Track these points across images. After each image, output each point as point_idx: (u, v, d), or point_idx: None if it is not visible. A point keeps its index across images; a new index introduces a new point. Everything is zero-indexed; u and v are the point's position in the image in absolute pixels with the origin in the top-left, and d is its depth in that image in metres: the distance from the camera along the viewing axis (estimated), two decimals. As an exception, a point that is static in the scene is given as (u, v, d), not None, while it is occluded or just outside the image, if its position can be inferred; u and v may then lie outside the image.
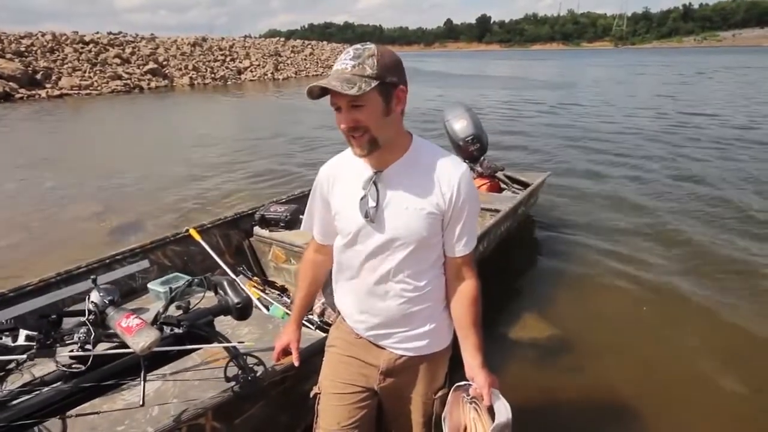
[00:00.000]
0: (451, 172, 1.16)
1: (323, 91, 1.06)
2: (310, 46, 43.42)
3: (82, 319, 1.16)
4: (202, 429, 1.49)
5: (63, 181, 7.08)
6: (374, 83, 1.04)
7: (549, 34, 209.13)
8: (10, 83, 18.61)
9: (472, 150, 4.27)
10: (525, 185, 4.45)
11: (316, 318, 2.36)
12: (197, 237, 2.89)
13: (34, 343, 1.09)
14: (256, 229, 3.16)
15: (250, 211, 3.28)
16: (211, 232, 3.05)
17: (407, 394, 1.34)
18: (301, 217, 3.15)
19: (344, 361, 1.35)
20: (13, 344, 1.09)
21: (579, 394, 2.51)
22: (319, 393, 1.38)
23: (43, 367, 1.38)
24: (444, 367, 1.38)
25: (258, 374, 1.57)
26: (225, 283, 1.42)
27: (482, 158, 4.40)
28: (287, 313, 2.41)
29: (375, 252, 1.19)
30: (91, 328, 1.16)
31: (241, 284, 2.30)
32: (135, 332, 1.16)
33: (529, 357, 2.82)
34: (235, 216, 3.23)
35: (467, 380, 1.24)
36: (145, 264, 2.61)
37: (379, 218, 1.16)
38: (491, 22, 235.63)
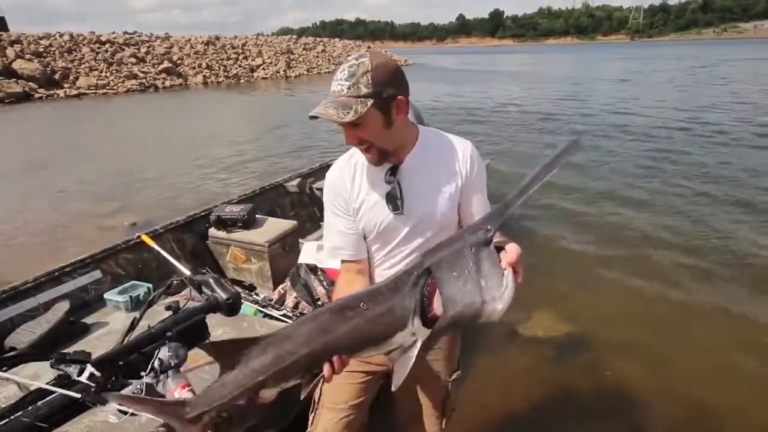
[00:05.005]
0: (460, 150, 1.22)
1: None
2: (321, 43, 43.42)
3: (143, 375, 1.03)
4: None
5: (81, 179, 7.23)
6: (370, 102, 1.03)
7: (563, 28, 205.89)
8: (30, 83, 19.04)
9: None
10: None
11: (290, 312, 2.36)
12: (150, 242, 2.80)
13: (92, 385, 0.98)
14: (212, 231, 3.08)
15: (203, 213, 3.23)
16: (164, 236, 2.97)
17: (421, 375, 1.37)
18: (257, 216, 3.15)
19: None
20: (77, 377, 0.99)
21: (584, 389, 2.51)
22: None
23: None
24: (457, 350, 1.42)
25: None
26: (211, 281, 1.38)
27: None
28: (259, 311, 2.41)
29: (401, 241, 1.23)
30: (144, 386, 1.03)
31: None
32: None
33: (512, 352, 2.81)
34: (188, 219, 3.16)
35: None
36: (97, 275, 2.52)
37: (407, 209, 1.19)
38: (504, 16, 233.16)
